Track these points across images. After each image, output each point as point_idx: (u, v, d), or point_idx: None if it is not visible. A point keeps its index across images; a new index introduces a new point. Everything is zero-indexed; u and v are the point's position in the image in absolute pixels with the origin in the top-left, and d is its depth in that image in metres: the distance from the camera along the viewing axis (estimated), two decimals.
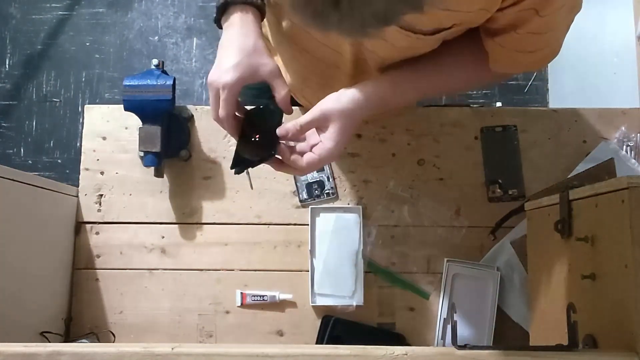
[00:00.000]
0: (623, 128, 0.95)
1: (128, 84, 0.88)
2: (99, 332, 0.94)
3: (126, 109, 0.89)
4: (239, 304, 0.94)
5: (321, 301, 0.93)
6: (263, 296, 0.94)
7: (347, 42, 0.73)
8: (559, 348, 0.55)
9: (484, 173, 0.96)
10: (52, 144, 2.05)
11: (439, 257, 0.94)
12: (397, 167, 0.97)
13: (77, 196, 0.98)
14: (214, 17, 0.76)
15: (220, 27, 0.76)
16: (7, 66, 2.11)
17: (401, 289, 0.94)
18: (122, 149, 0.99)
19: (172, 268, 0.96)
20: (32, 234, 0.85)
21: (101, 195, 0.98)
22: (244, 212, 0.97)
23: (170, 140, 0.94)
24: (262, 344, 0.70)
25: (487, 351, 0.55)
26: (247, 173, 0.97)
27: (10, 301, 0.79)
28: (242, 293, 0.94)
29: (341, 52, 0.76)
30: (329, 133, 0.70)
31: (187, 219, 0.97)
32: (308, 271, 0.94)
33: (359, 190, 0.97)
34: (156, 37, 2.13)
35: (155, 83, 0.89)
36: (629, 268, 0.54)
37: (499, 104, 2.04)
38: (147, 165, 0.92)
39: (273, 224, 0.97)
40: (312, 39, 0.77)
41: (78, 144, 1.99)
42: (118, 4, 2.14)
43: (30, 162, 2.05)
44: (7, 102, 2.09)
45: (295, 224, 0.96)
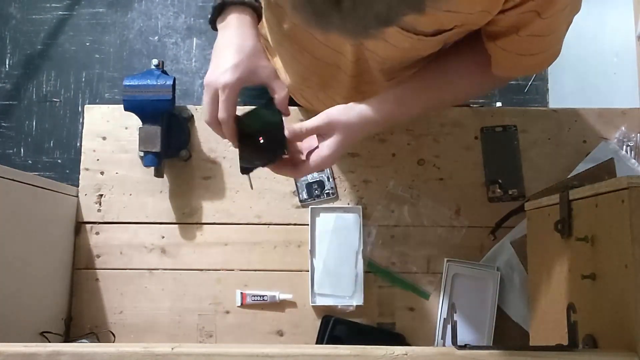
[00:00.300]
0: (623, 128, 0.95)
1: (128, 84, 0.88)
2: (99, 332, 0.94)
3: (126, 109, 0.89)
4: (239, 304, 0.94)
5: (321, 301, 0.93)
6: (263, 296, 0.94)
7: (348, 42, 0.73)
8: (559, 348, 0.55)
9: (484, 173, 0.96)
10: (52, 144, 2.05)
11: (439, 257, 0.94)
12: (397, 167, 0.97)
13: (77, 196, 0.98)
14: (209, 17, 0.75)
15: (215, 29, 0.75)
16: (7, 66, 2.11)
17: (401, 289, 0.94)
18: (122, 149, 0.99)
19: (172, 268, 0.96)
20: (32, 234, 0.85)
21: (101, 195, 0.98)
22: (244, 212, 0.97)
23: (170, 140, 0.94)
24: (262, 344, 0.70)
25: (487, 351, 0.55)
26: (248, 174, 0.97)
27: (10, 301, 0.79)
28: (242, 293, 0.94)
29: (342, 52, 0.76)
30: (330, 142, 0.70)
31: (187, 219, 0.97)
32: (308, 271, 0.94)
33: (359, 190, 0.97)
34: (156, 37, 2.13)
35: (155, 83, 0.89)
36: (629, 268, 0.54)
37: (499, 104, 2.04)
38: (147, 165, 0.92)
39: (273, 224, 0.97)
40: (313, 40, 0.77)
41: (78, 144, 1.99)
42: (118, 4, 2.15)
43: (30, 162, 2.05)
44: (7, 102, 2.09)
45: (295, 224, 0.96)
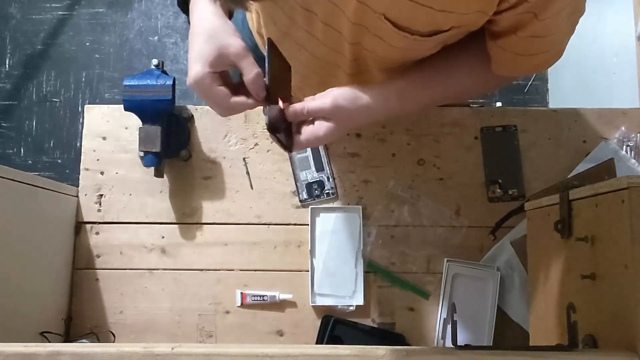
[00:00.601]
0: (623, 128, 0.95)
1: (128, 84, 0.88)
2: (99, 332, 0.94)
3: (126, 109, 0.89)
4: (239, 304, 0.94)
5: (321, 301, 0.93)
6: (263, 296, 0.94)
7: (346, 40, 0.73)
8: (559, 348, 0.55)
9: (484, 173, 0.96)
10: (52, 144, 2.05)
11: (439, 257, 0.94)
12: (397, 167, 0.97)
13: (77, 196, 0.98)
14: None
15: (185, 12, 0.71)
16: (7, 66, 2.11)
17: (401, 289, 0.94)
18: (122, 149, 0.99)
19: (172, 268, 0.96)
20: (32, 234, 0.85)
21: (101, 195, 0.98)
22: (244, 212, 0.97)
23: (170, 140, 0.94)
24: (262, 344, 0.70)
25: (487, 351, 0.55)
26: (247, 173, 0.97)
27: (10, 301, 0.79)
28: (242, 293, 0.94)
29: (341, 51, 0.76)
30: (329, 125, 0.69)
31: (187, 219, 0.97)
32: (308, 271, 0.94)
33: (359, 190, 0.97)
34: (156, 37, 2.13)
35: (155, 83, 0.89)
36: (629, 268, 0.54)
37: (499, 104, 2.04)
38: (147, 165, 0.92)
39: (273, 224, 0.97)
40: (312, 39, 0.76)
41: (78, 144, 1.99)
42: (118, 4, 2.14)
43: (30, 162, 2.05)
44: (7, 102, 2.09)
45: (295, 224, 0.96)
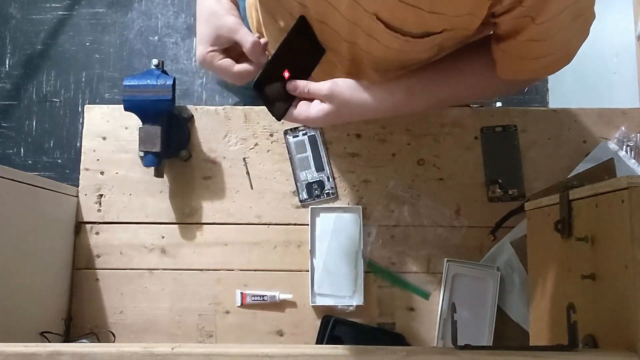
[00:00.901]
0: (623, 128, 0.95)
1: (128, 84, 0.88)
2: (99, 332, 0.94)
3: (126, 109, 0.89)
4: (239, 304, 0.94)
5: (321, 301, 0.93)
6: (263, 296, 0.94)
7: (343, 38, 0.73)
8: (559, 348, 0.55)
9: (484, 173, 0.96)
10: (52, 144, 2.05)
11: (439, 257, 0.94)
12: (397, 167, 0.97)
13: (77, 196, 0.98)
14: None
15: None
16: (7, 66, 2.11)
17: (401, 289, 0.94)
18: (122, 149, 0.99)
19: (172, 268, 0.96)
20: (32, 234, 0.85)
21: (101, 195, 0.98)
22: (243, 212, 0.97)
23: (170, 140, 0.94)
24: (262, 344, 0.70)
25: (487, 351, 0.55)
26: (247, 173, 0.97)
27: (10, 301, 0.79)
28: (242, 293, 0.94)
29: (338, 51, 0.76)
30: (323, 108, 0.70)
31: (187, 219, 0.97)
32: (308, 271, 0.94)
33: (359, 190, 0.97)
34: (156, 37, 2.13)
35: (155, 83, 0.89)
36: (629, 268, 0.54)
37: (499, 104, 2.04)
38: (147, 165, 0.92)
39: (273, 224, 0.97)
40: None
41: (78, 144, 1.99)
42: (118, 4, 2.14)
43: (30, 162, 2.05)
44: (7, 102, 2.09)
45: (295, 224, 0.96)
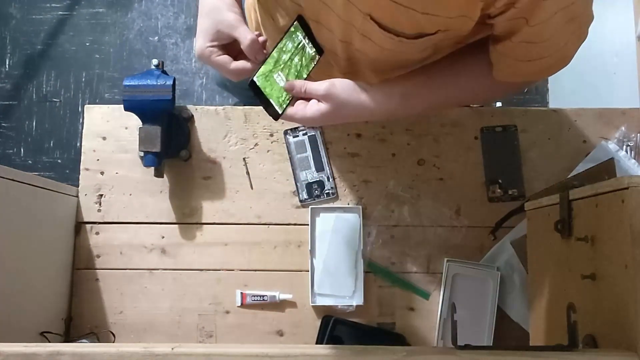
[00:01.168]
0: (623, 128, 0.95)
1: (128, 84, 0.88)
2: (99, 332, 0.94)
3: (126, 109, 0.89)
4: (239, 304, 0.94)
5: (321, 301, 0.93)
6: (263, 296, 0.94)
7: (338, 38, 0.73)
8: (559, 348, 0.55)
9: (484, 173, 0.96)
10: (52, 144, 2.05)
11: (439, 257, 0.94)
12: (397, 167, 0.97)
13: (77, 196, 0.98)
14: None
15: None
16: (7, 66, 2.11)
17: (401, 289, 0.94)
18: (122, 149, 0.99)
19: (172, 268, 0.96)
20: (32, 234, 0.85)
21: (101, 195, 0.98)
22: (244, 212, 0.97)
23: (170, 140, 0.94)
24: (262, 344, 0.70)
25: (487, 351, 0.55)
26: (247, 173, 0.97)
27: (10, 301, 0.79)
28: (242, 293, 0.94)
29: (334, 51, 0.76)
30: (319, 107, 0.70)
31: (187, 219, 0.97)
32: (308, 271, 0.94)
33: (359, 190, 0.97)
34: (156, 37, 2.12)
35: (155, 83, 0.89)
36: (629, 268, 0.54)
37: (499, 104, 2.04)
38: (147, 165, 0.92)
39: (273, 224, 0.97)
40: None
41: (78, 144, 1.99)
42: (118, 4, 2.14)
43: (30, 162, 2.04)
44: (7, 102, 2.09)
45: (295, 224, 0.96)
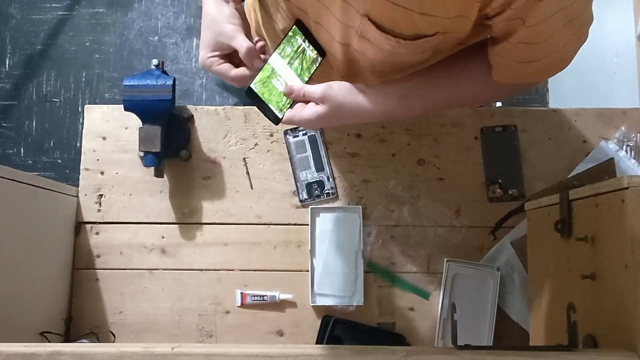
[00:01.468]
0: (623, 128, 0.95)
1: (128, 84, 0.88)
2: (99, 332, 0.94)
3: (126, 109, 0.89)
4: (239, 304, 0.94)
5: (321, 301, 0.93)
6: (263, 296, 0.94)
7: (337, 40, 0.73)
8: (559, 348, 0.55)
9: (484, 173, 0.96)
10: (52, 144, 2.05)
11: (439, 257, 0.94)
12: (397, 167, 0.97)
13: (77, 196, 0.98)
14: None
15: None
16: (7, 66, 2.11)
17: (401, 289, 0.94)
18: (122, 149, 0.99)
19: (172, 268, 0.96)
20: (32, 234, 0.85)
21: (101, 195, 0.98)
22: (244, 212, 0.97)
23: (170, 140, 0.94)
24: (262, 344, 0.70)
25: (487, 351, 0.55)
26: (247, 173, 0.97)
27: (10, 301, 0.79)
28: (242, 293, 0.94)
29: (333, 52, 0.76)
30: (316, 109, 0.70)
31: (187, 219, 0.97)
32: (308, 271, 0.94)
33: (359, 190, 0.97)
34: (156, 37, 2.12)
35: (155, 83, 0.89)
36: (629, 268, 0.54)
37: (499, 104, 2.04)
38: (147, 165, 0.92)
39: (273, 224, 0.97)
40: None
41: (78, 144, 1.99)
42: (118, 4, 2.14)
43: (30, 162, 2.04)
44: (7, 102, 2.09)
45: (295, 224, 0.96)
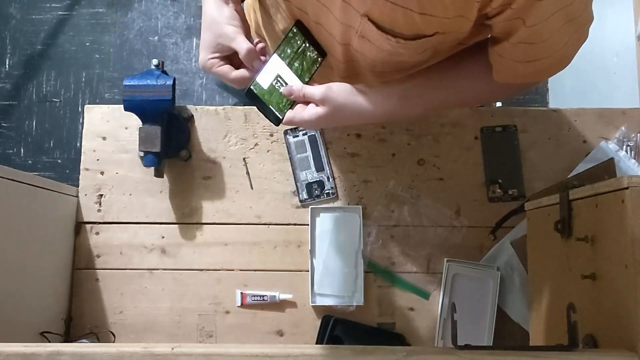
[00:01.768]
0: (623, 128, 0.95)
1: (128, 84, 0.88)
2: (99, 332, 0.94)
3: (126, 109, 0.89)
4: (239, 304, 0.94)
5: (321, 301, 0.93)
6: (263, 296, 0.94)
7: (337, 41, 0.73)
8: (559, 348, 0.55)
9: (484, 173, 0.96)
10: (52, 144, 2.05)
11: (439, 257, 0.94)
12: (397, 167, 0.97)
13: (77, 196, 0.98)
14: None
15: None
16: (7, 66, 2.11)
17: (401, 289, 0.94)
18: (122, 149, 0.99)
19: (172, 268, 0.96)
20: (32, 234, 0.85)
21: (101, 195, 0.98)
22: (244, 212, 0.97)
23: (170, 140, 0.94)
24: (262, 344, 0.70)
25: (487, 351, 0.55)
26: (247, 173, 0.97)
27: (10, 301, 0.79)
28: (242, 293, 0.94)
29: (333, 53, 0.76)
30: (316, 110, 0.70)
31: (187, 219, 0.97)
32: (308, 271, 0.94)
33: (359, 190, 0.97)
34: (156, 37, 2.12)
35: (155, 83, 0.89)
36: (629, 268, 0.54)
37: (499, 104, 2.03)
38: (147, 165, 0.92)
39: (273, 224, 0.97)
40: None
41: (78, 144, 1.99)
42: (118, 4, 2.14)
43: (30, 162, 2.04)
44: (7, 102, 2.09)
45: (295, 224, 0.96)
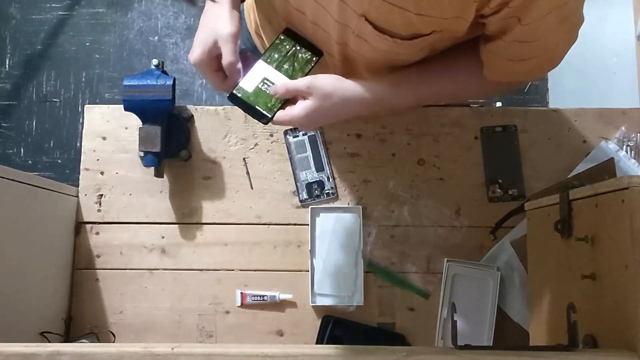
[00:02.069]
0: (623, 128, 0.95)
1: (128, 84, 0.88)
2: (99, 332, 0.94)
3: (126, 109, 0.89)
4: (239, 304, 0.94)
5: (321, 301, 0.93)
6: (263, 296, 0.94)
7: (334, 40, 0.73)
8: (559, 348, 0.55)
9: (484, 173, 0.96)
10: (52, 144, 2.05)
11: (439, 257, 0.94)
12: (397, 167, 0.97)
13: (77, 196, 0.98)
14: None
15: None
16: (7, 66, 2.11)
17: (401, 289, 0.94)
18: (122, 149, 0.99)
19: (172, 268, 0.96)
20: (32, 234, 0.85)
21: (101, 195, 0.98)
22: (244, 212, 0.97)
23: (170, 140, 0.94)
24: (262, 344, 0.70)
25: (487, 351, 0.55)
26: (247, 173, 0.97)
27: (10, 301, 0.79)
28: (242, 293, 0.94)
29: (331, 52, 0.76)
30: (305, 104, 0.69)
31: (187, 219, 0.97)
32: (308, 271, 0.94)
33: (359, 190, 0.97)
34: (156, 37, 2.12)
35: (155, 83, 0.89)
36: (629, 268, 0.54)
37: (499, 104, 2.03)
38: (147, 165, 0.92)
39: (273, 224, 0.97)
40: None
41: (78, 144, 1.99)
42: (118, 4, 2.14)
43: (30, 162, 2.04)
44: (7, 102, 2.09)
45: (295, 224, 0.96)
